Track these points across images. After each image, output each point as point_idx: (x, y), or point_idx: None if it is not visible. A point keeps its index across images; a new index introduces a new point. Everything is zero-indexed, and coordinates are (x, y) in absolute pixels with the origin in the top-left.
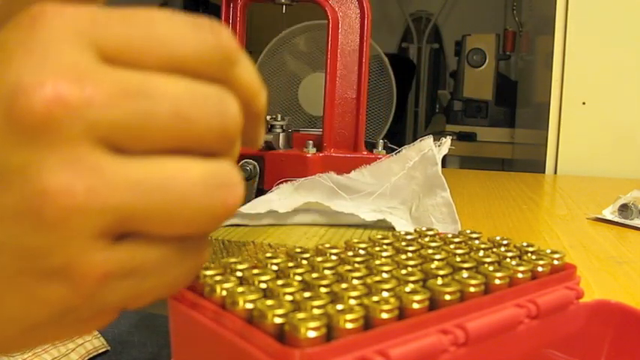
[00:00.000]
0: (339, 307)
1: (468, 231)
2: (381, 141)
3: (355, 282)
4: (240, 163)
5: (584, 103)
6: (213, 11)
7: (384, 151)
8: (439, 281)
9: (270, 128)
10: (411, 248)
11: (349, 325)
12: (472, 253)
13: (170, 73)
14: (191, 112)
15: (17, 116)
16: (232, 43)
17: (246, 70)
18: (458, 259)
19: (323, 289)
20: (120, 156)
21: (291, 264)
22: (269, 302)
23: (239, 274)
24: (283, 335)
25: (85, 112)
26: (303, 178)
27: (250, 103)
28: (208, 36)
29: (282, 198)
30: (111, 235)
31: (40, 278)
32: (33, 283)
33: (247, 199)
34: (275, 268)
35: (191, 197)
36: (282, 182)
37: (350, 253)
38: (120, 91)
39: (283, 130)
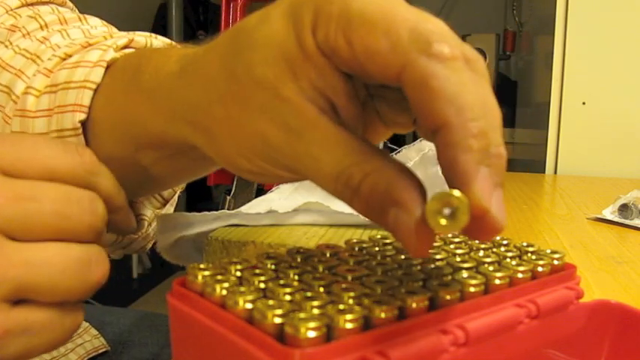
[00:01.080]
0: (339, 307)
1: None
2: None
3: (355, 282)
4: None
5: (584, 103)
6: (214, 11)
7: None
8: (439, 281)
9: None
10: None
11: (349, 325)
12: (472, 253)
13: (51, 182)
14: (67, 211)
15: None
16: (93, 159)
17: (106, 177)
18: (458, 259)
19: (323, 289)
20: (14, 242)
21: (291, 264)
22: (269, 302)
23: (239, 274)
24: (283, 335)
25: None
26: None
27: (112, 201)
28: (75, 155)
29: (282, 198)
30: (8, 301)
31: None
32: None
33: (247, 199)
34: (275, 268)
35: (69, 272)
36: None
37: (350, 253)
38: (13, 195)
39: None
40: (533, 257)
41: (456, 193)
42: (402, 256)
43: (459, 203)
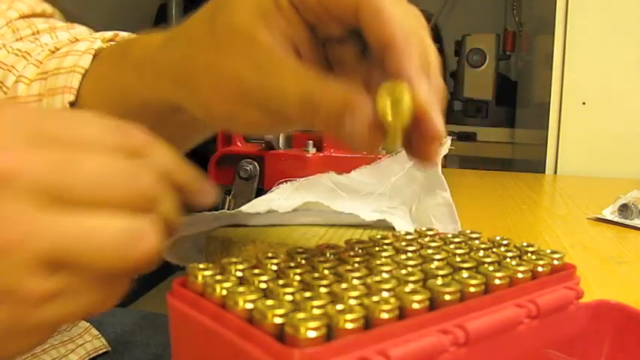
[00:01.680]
0: (339, 307)
1: (468, 231)
2: None
3: (355, 282)
4: (240, 162)
5: (584, 103)
6: None
7: (384, 151)
8: (439, 281)
9: None
10: (411, 248)
11: (349, 325)
12: (472, 253)
13: (98, 152)
14: (113, 180)
15: None
16: (145, 136)
17: (162, 153)
18: (458, 259)
19: (323, 289)
20: (57, 208)
21: (291, 264)
22: (269, 302)
23: (239, 274)
24: (283, 335)
25: (21, 179)
26: (303, 178)
27: (172, 176)
28: (126, 131)
29: (282, 198)
30: (46, 268)
31: None
32: None
33: (247, 199)
34: (275, 268)
35: (109, 247)
36: (282, 182)
37: (350, 253)
38: (59, 160)
39: None
40: (533, 257)
41: (400, 83)
42: (402, 256)
43: (402, 92)
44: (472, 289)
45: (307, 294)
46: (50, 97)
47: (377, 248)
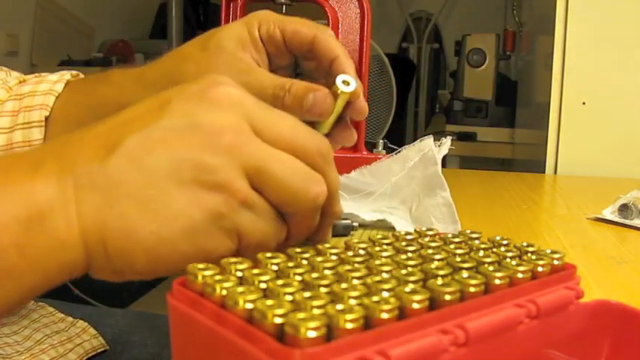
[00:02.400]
0: (339, 307)
1: (468, 231)
2: (381, 141)
3: (355, 282)
4: None
5: (584, 103)
6: (214, 11)
7: (384, 151)
8: (439, 281)
9: None
10: (411, 248)
11: (349, 325)
12: (472, 253)
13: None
14: (301, 134)
15: (208, 95)
16: (330, 151)
17: (333, 173)
18: (458, 259)
19: (323, 289)
20: (259, 139)
21: (291, 264)
22: (269, 302)
23: (239, 274)
24: (283, 335)
25: (246, 106)
26: None
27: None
28: (319, 138)
29: None
30: (247, 178)
31: (205, 187)
32: (200, 189)
33: None
34: (275, 268)
35: (297, 177)
36: None
37: (350, 253)
38: (263, 106)
39: None
40: (533, 257)
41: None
42: (402, 256)
43: (349, 79)
44: (472, 289)
45: (307, 294)
46: (27, 112)
47: (377, 248)
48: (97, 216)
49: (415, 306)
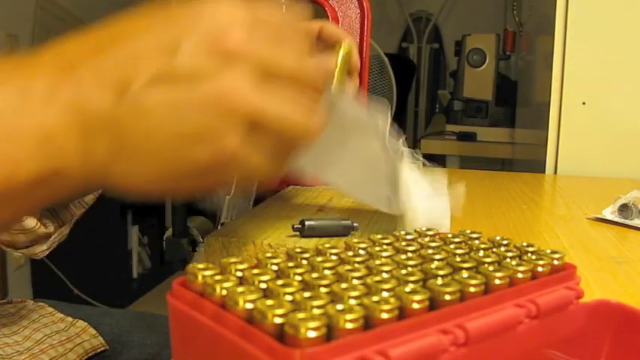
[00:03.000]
0: (339, 307)
1: (468, 231)
2: None
3: (355, 282)
4: None
5: (584, 103)
6: None
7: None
8: (439, 281)
9: None
10: (411, 248)
11: (349, 325)
12: (472, 253)
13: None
14: (303, 68)
15: (220, 45)
16: (321, 75)
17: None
18: (458, 259)
19: (323, 289)
20: (261, 83)
21: (291, 264)
22: (269, 302)
23: (239, 274)
24: (283, 335)
25: (252, 55)
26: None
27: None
28: (317, 70)
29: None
30: (246, 129)
31: (204, 138)
32: (199, 140)
33: (247, 200)
34: (275, 268)
35: (293, 116)
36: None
37: (350, 253)
38: (266, 43)
39: None
40: (533, 257)
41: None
42: (402, 256)
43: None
44: (472, 289)
45: (307, 294)
46: None
47: (377, 248)
48: (106, 156)
49: (415, 306)
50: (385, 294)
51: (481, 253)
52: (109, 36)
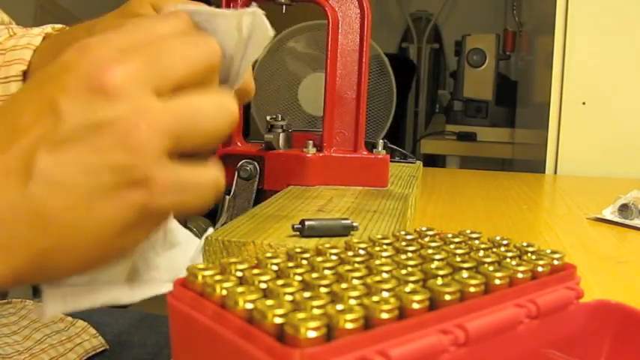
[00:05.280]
0: (339, 307)
1: (468, 231)
2: (381, 141)
3: (355, 282)
4: (240, 163)
5: (584, 103)
6: None
7: (384, 151)
8: (439, 281)
9: (270, 128)
10: (411, 248)
11: (349, 325)
12: (472, 253)
13: (170, 31)
14: (193, 55)
15: (95, 86)
16: (216, 55)
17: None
18: (458, 259)
19: (323, 289)
20: (161, 97)
21: (291, 264)
22: (269, 302)
23: (239, 274)
24: (283, 335)
25: (137, 77)
26: None
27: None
28: (207, 51)
29: None
30: (169, 155)
31: (128, 187)
32: (123, 191)
33: (247, 199)
34: (275, 268)
35: (209, 119)
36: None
37: (350, 253)
38: (152, 57)
39: (283, 130)
40: (533, 257)
41: None
42: (402, 256)
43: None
44: (472, 289)
45: (307, 294)
46: (6, 67)
47: (377, 248)
48: (29, 248)
49: (415, 306)
50: (385, 294)
51: (481, 253)
52: None
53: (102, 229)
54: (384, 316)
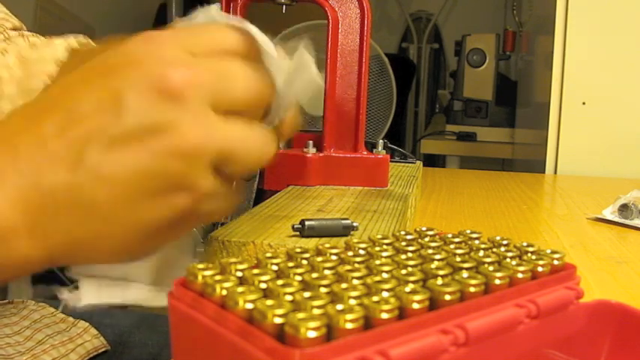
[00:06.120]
0: (339, 307)
1: (468, 231)
2: (381, 141)
3: (355, 282)
4: None
5: (584, 103)
6: None
7: (384, 151)
8: (439, 281)
9: None
10: (411, 248)
11: (349, 325)
12: (472, 253)
13: (236, 61)
14: (253, 87)
15: (164, 88)
16: (267, 89)
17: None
18: (458, 259)
19: (323, 289)
20: (217, 114)
21: (291, 264)
22: (269, 302)
23: (239, 274)
24: (283, 335)
25: (202, 87)
26: None
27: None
28: (244, 35)
29: None
30: (213, 168)
31: (175, 191)
32: (170, 194)
33: (247, 199)
34: (275, 268)
35: (255, 150)
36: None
37: (350, 253)
38: (214, 72)
39: None
40: (533, 257)
41: None
42: (402, 256)
43: None
44: (472, 289)
45: (307, 294)
46: (29, 80)
47: (377, 248)
48: (67, 235)
49: (415, 306)
50: (385, 294)
51: (481, 253)
52: (47, 103)
53: (141, 226)
54: (384, 316)
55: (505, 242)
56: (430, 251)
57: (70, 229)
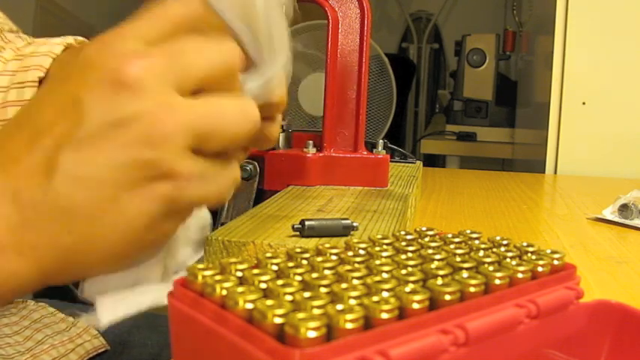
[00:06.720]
0: (339, 307)
1: (468, 231)
2: (381, 141)
3: (355, 282)
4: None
5: (584, 103)
6: None
7: (384, 151)
8: (439, 281)
9: None
10: (411, 248)
11: (349, 325)
12: (472, 253)
13: (189, 35)
14: (214, 59)
15: (119, 82)
16: (236, 58)
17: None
18: (458, 259)
19: (323, 289)
20: (184, 97)
21: (291, 264)
22: (269, 302)
23: (239, 274)
24: (283, 335)
25: (158, 72)
26: None
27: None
28: (227, 54)
29: None
30: (191, 150)
31: (154, 180)
32: (149, 184)
33: (247, 199)
34: (275, 268)
35: (232, 122)
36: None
37: (350, 253)
38: (174, 55)
39: (283, 130)
40: (533, 257)
41: None
42: (402, 256)
43: None
44: (472, 289)
45: (307, 294)
46: (24, 72)
47: (377, 248)
48: (55, 245)
49: (415, 306)
50: (385, 294)
51: (481, 253)
52: (17, 120)
53: (129, 223)
54: (384, 316)
55: (505, 242)
56: (430, 251)
57: (56, 238)
